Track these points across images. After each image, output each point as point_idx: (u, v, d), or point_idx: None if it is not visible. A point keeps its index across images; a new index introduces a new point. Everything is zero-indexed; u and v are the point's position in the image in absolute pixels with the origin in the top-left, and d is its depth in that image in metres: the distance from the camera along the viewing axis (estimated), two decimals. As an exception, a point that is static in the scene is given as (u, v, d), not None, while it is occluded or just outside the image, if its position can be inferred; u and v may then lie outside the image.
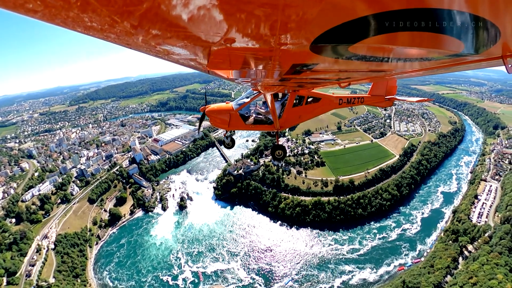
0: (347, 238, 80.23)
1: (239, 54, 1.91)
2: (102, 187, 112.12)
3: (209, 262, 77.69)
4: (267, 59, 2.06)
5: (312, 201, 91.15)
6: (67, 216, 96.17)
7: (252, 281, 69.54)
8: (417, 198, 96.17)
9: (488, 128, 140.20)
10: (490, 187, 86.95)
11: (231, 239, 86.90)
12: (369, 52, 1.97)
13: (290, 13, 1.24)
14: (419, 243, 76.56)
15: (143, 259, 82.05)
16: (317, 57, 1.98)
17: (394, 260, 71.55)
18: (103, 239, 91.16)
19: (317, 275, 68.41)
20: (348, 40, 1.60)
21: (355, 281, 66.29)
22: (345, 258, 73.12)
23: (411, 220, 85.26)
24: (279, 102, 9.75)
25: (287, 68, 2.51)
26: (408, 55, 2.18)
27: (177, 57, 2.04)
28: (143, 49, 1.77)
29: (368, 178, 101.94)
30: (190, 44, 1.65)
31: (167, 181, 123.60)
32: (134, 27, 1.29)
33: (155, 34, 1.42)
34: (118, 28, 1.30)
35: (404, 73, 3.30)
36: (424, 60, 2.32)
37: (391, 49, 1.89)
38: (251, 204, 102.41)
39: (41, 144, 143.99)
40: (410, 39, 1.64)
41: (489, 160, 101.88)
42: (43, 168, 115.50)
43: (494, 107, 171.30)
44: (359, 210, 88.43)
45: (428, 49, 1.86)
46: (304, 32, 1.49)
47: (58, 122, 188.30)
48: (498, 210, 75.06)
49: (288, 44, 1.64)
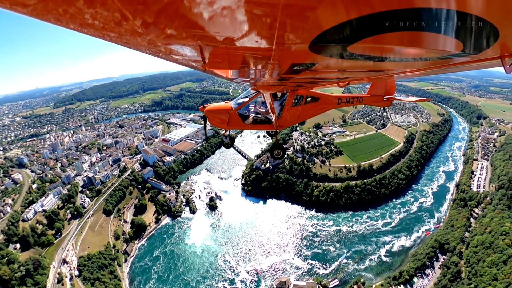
0: (379, 215, 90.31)
1: (238, 53, 1.95)
2: (116, 196, 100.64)
3: (262, 258, 76.30)
4: (266, 58, 2.08)
5: (342, 186, 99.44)
6: (83, 233, 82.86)
7: (311, 266, 72.77)
8: (425, 177, 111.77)
9: (472, 119, 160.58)
10: (482, 165, 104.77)
11: (276, 232, 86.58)
12: (368, 52, 2.02)
13: (289, 13, 1.25)
14: (436, 212, 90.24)
15: (187, 270, 74.90)
16: (316, 56, 2.04)
17: (420, 227, 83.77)
18: (132, 254, 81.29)
19: (364, 249, 76.60)
20: (347, 39, 1.63)
21: (396, 248, 76.41)
22: (382, 231, 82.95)
23: (425, 195, 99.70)
24: (278, 101, 9.66)
25: (286, 67, 2.56)
26: (407, 55, 2.21)
27: (177, 57, 2.07)
28: (143, 48, 1.72)
29: (383, 162, 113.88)
30: (194, 44, 1.66)
31: (188, 182, 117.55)
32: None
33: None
34: (126, 26, 1.24)
35: (403, 73, 3.34)
36: (423, 60, 2.35)
37: (390, 49, 1.95)
38: (283, 196, 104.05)
39: (31, 151, 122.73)
40: (409, 39, 1.67)
41: (477, 144, 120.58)
42: (41, 179, 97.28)
43: (475, 101, 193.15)
44: (382, 189, 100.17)
45: (427, 49, 1.93)
46: (303, 32, 1.52)
47: (45, 125, 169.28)
48: (492, 181, 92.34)
49: (287, 43, 1.67)
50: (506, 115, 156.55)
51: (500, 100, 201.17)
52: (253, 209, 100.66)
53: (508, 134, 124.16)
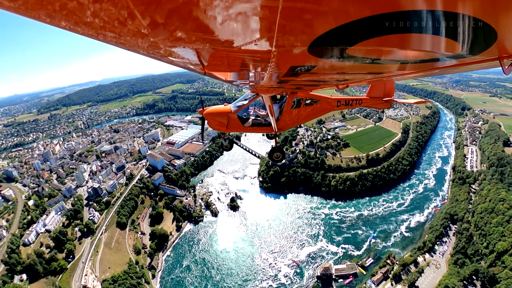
0: (392, 197, 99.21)
1: (238, 56, 1.99)
2: (128, 206, 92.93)
3: (298, 250, 78.43)
4: (265, 61, 2.11)
5: (356, 175, 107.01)
6: (99, 252, 74.23)
7: (345, 250, 78.03)
8: (424, 162, 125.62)
9: (457, 110, 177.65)
10: (472, 149, 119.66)
11: (304, 224, 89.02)
12: (367, 54, 2.04)
13: (288, 16, 1.28)
14: (439, 191, 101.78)
15: (225, 276, 72.32)
16: (315, 59, 2.07)
17: (429, 205, 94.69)
18: (160, 268, 75.75)
19: (387, 228, 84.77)
20: (346, 42, 1.68)
21: (413, 224, 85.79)
22: (398, 211, 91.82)
23: (427, 177, 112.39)
24: (278, 104, 9.76)
25: (285, 70, 2.60)
26: (406, 57, 2.23)
27: (177, 59, 2.04)
28: (140, 49, 1.66)
29: (387, 151, 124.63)
30: (198, 47, 1.67)
31: (203, 185, 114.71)
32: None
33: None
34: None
35: (402, 75, 3.36)
36: (422, 62, 2.39)
37: (389, 51, 2.00)
38: (301, 189, 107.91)
39: (19, 162, 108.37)
40: (408, 41, 1.71)
41: (465, 132, 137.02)
42: (37, 194, 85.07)
43: (458, 94, 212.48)
44: (391, 175, 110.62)
45: (426, 51, 1.99)
46: (302, 35, 1.55)
47: (29, 133, 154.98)
48: (482, 162, 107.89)
49: (286, 46, 1.70)
50: (487, 106, 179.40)
51: (480, 93, 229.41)
52: (275, 205, 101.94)
53: (491, 122, 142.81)
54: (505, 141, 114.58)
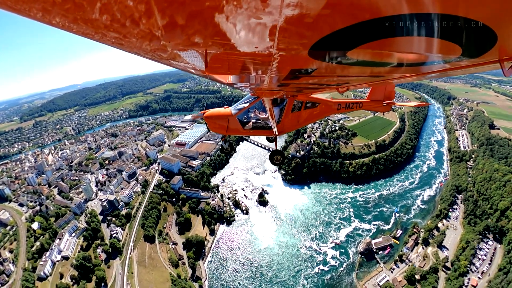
0: (404, 177, 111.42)
1: (238, 59, 2.07)
2: (152, 217, 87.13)
3: (336, 233, 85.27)
4: (265, 64, 2.20)
5: (370, 160, 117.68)
6: (134, 273, 67.73)
7: (376, 226, 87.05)
8: (423, 146, 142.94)
9: (443, 100, 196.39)
10: (462, 132, 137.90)
11: (335, 209, 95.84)
12: (368, 57, 2.13)
13: (289, 19, 1.32)
14: (441, 169, 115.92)
15: (278, 272, 73.82)
16: (316, 62, 2.17)
17: (435, 181, 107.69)
18: (205, 277, 72.80)
19: (406, 203, 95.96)
20: (346, 45, 1.75)
21: (426, 198, 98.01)
22: (411, 188, 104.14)
23: (428, 158, 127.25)
24: (278, 107, 10.00)
25: (286, 73, 2.69)
26: (406, 60, 2.31)
27: (180, 63, 2.08)
28: (142, 52, 1.64)
29: (390, 138, 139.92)
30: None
31: (225, 184, 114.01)
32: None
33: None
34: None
35: (402, 78, 3.45)
36: (422, 65, 2.49)
37: (389, 54, 2.08)
38: (322, 178, 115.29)
39: (8, 177, 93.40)
40: (408, 44, 1.78)
41: (454, 119, 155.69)
42: (41, 214, 73.29)
43: (442, 85, 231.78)
44: (398, 158, 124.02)
45: (426, 54, 2.07)
46: (303, 38, 1.60)
47: (14, 143, 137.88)
48: (473, 143, 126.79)
49: (286, 49, 1.78)
50: (469, 95, 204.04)
51: (462, 84, 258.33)
52: (302, 195, 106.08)
53: (475, 109, 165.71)
54: (490, 124, 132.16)
